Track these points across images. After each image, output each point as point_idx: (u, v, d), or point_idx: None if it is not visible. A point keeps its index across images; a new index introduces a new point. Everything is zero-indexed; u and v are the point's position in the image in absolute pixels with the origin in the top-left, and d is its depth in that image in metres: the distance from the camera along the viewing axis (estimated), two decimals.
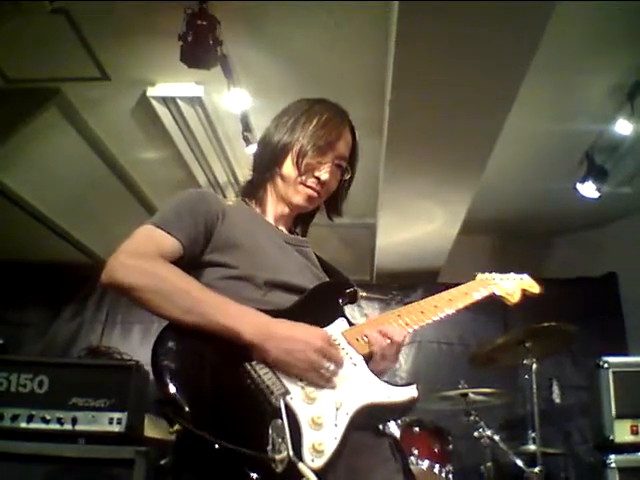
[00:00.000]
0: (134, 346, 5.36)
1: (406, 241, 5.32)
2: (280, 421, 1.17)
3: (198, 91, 3.89)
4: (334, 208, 1.79)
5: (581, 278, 5.55)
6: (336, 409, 1.27)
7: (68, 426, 2.87)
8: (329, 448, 1.20)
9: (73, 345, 5.61)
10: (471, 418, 3.87)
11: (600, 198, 4.52)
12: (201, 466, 1.18)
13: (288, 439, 1.14)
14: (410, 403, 1.40)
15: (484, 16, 2.81)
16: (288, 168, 1.62)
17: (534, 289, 1.90)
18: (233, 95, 3.73)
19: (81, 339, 5.64)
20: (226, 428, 1.16)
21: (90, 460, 2.76)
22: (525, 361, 3.68)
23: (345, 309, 1.57)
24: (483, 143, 3.85)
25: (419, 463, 3.59)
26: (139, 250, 1.38)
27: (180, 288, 1.32)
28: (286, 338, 1.29)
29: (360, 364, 1.41)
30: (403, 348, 1.51)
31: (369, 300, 5.58)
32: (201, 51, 3.14)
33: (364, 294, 1.74)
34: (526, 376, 3.74)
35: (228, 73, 3.54)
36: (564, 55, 3.50)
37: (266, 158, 1.67)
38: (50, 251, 5.77)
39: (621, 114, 3.91)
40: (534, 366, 3.64)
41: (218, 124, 4.28)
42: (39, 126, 4.06)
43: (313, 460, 1.17)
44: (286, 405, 1.21)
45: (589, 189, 4.46)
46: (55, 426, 2.87)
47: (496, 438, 3.76)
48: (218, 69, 3.40)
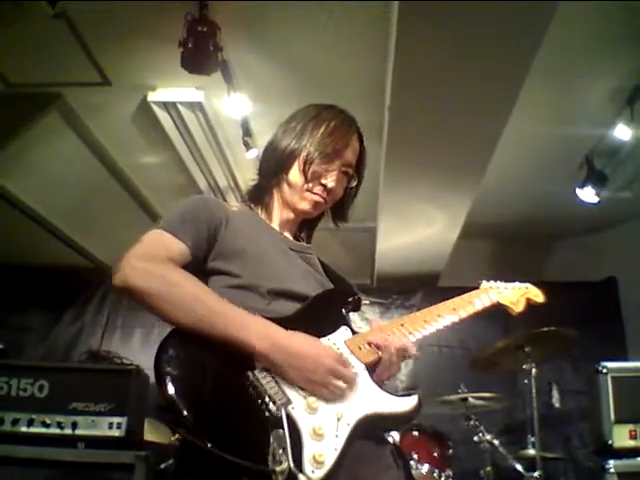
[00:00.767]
0: (135, 350, 5.36)
1: (406, 245, 5.32)
2: (281, 431, 1.17)
3: (198, 96, 3.90)
4: (340, 214, 1.78)
5: (581, 283, 5.54)
6: (337, 419, 1.27)
7: (68, 430, 2.87)
8: (330, 459, 1.20)
9: (74, 349, 5.60)
10: (471, 422, 3.87)
11: (600, 203, 4.51)
12: (202, 475, 1.19)
13: (289, 450, 1.14)
14: (411, 414, 1.40)
15: (484, 19, 2.81)
16: (295, 174, 1.62)
17: (539, 298, 1.90)
18: (233, 100, 3.74)
19: (82, 343, 5.63)
20: (227, 437, 1.16)
21: (90, 464, 2.76)
22: (525, 366, 3.68)
23: (348, 317, 1.57)
24: (483, 147, 3.85)
25: (419, 467, 3.59)
26: (149, 254, 1.37)
27: (192, 295, 1.31)
28: (298, 354, 1.29)
29: (362, 373, 1.40)
30: None
31: (369, 304, 5.58)
32: (201, 57, 3.15)
33: (367, 302, 1.74)
34: (526, 381, 3.73)
35: (228, 78, 3.55)
36: (564, 59, 3.50)
37: (273, 163, 1.66)
38: (51, 255, 5.78)
39: (621, 119, 3.90)
40: (534, 371, 3.64)
41: (218, 129, 4.29)
42: (40, 130, 4.07)
43: (314, 471, 1.16)
44: (287, 415, 1.21)
45: (589, 194, 4.46)
46: (55, 430, 2.87)
47: (496, 442, 3.76)
48: (218, 74, 3.41)
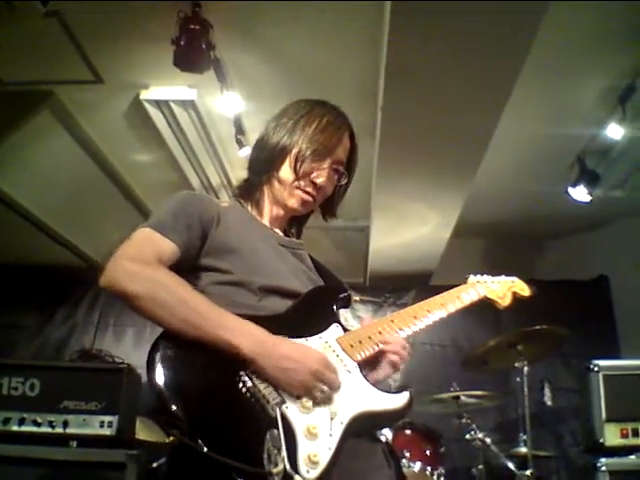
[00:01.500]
0: (127, 349, 5.35)
1: (399, 244, 5.34)
2: (276, 431, 1.17)
3: (191, 94, 3.89)
4: (329, 210, 1.78)
5: (573, 281, 5.56)
6: (331, 418, 1.27)
7: (59, 429, 2.86)
8: (324, 459, 1.20)
9: (66, 348, 5.58)
10: (463, 420, 3.89)
11: (592, 202, 4.53)
12: (197, 477, 1.18)
13: (284, 450, 1.14)
14: (403, 411, 1.40)
15: (475, 19, 2.81)
16: (285, 171, 1.61)
17: (525, 292, 1.92)
18: (226, 98, 3.73)
19: (73, 342, 5.62)
20: (222, 437, 1.16)
21: (81, 463, 2.75)
22: (517, 364, 3.70)
23: (339, 314, 1.56)
24: (475, 146, 3.86)
25: (411, 465, 3.60)
26: (139, 255, 1.36)
27: (181, 299, 1.30)
28: (283, 357, 1.28)
29: (354, 371, 1.40)
30: None
31: (362, 302, 5.59)
32: (194, 55, 3.14)
33: (358, 298, 1.75)
34: (518, 379, 3.75)
35: (221, 76, 3.54)
36: (556, 58, 3.51)
37: (263, 160, 1.65)
38: (43, 253, 5.76)
39: (613, 118, 3.91)
40: (526, 369, 3.66)
41: (211, 127, 4.28)
42: (32, 129, 4.06)
43: (308, 471, 1.16)
44: (282, 415, 1.21)
45: (581, 193, 4.48)
46: (46, 429, 2.85)
47: (488, 441, 3.78)
48: (211, 73, 3.40)
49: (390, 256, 5.53)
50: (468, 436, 3.83)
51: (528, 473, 3.44)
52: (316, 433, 1.23)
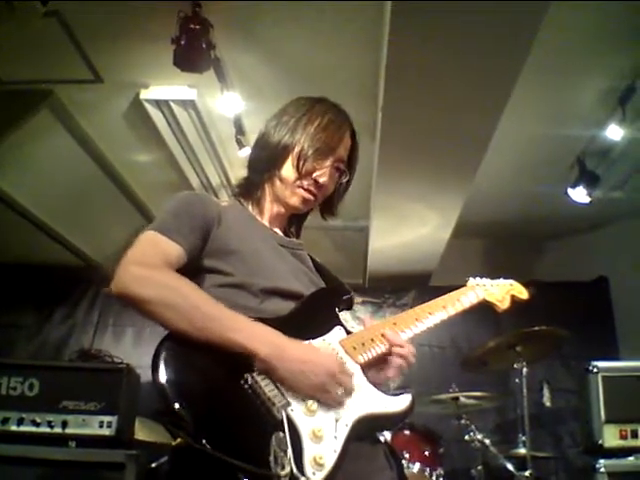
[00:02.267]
0: (126, 349, 5.35)
1: (399, 244, 5.33)
2: (282, 434, 1.18)
3: (191, 94, 3.89)
4: (329, 209, 1.77)
5: (572, 282, 5.56)
6: (335, 421, 1.28)
7: (58, 429, 2.86)
8: (329, 461, 1.20)
9: (65, 348, 5.58)
10: (462, 421, 3.89)
11: (591, 203, 4.54)
12: (201, 478, 1.19)
13: (290, 453, 1.15)
14: (406, 413, 1.41)
15: (475, 19, 2.80)
16: (287, 170, 1.60)
17: (523, 295, 1.92)
18: (226, 98, 3.73)
19: (73, 342, 5.61)
20: (227, 439, 1.15)
21: (80, 464, 2.75)
22: (516, 365, 3.70)
23: (341, 316, 1.57)
24: (475, 146, 3.86)
25: (410, 466, 3.60)
26: (146, 259, 1.35)
27: (194, 304, 1.29)
28: (300, 360, 1.29)
29: (358, 374, 1.40)
30: None
31: (362, 303, 5.58)
32: (194, 55, 3.14)
33: (360, 300, 1.75)
34: (517, 380, 3.75)
35: (221, 76, 3.54)
36: (556, 59, 3.50)
37: (265, 158, 1.64)
38: (42, 253, 5.74)
39: (613, 119, 3.91)
40: (525, 370, 3.66)
41: (211, 127, 4.28)
42: (32, 128, 4.05)
43: (314, 473, 1.17)
44: (287, 417, 1.21)
45: (580, 194, 4.48)
46: (45, 429, 2.86)
47: (487, 441, 3.78)
48: (211, 72, 3.40)
49: (390, 256, 5.53)
50: (467, 437, 3.83)
51: (527, 474, 3.44)
52: (321, 436, 1.23)
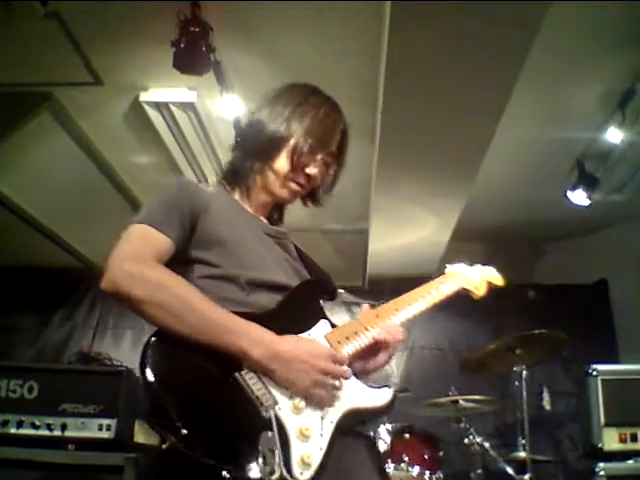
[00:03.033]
0: (126, 351, 5.35)
1: (398, 247, 5.33)
2: (270, 433, 1.18)
3: (191, 97, 3.88)
4: (313, 198, 1.76)
5: (572, 285, 5.56)
6: (321, 418, 1.29)
7: (57, 432, 2.86)
8: (316, 460, 1.21)
9: (64, 350, 5.57)
10: (461, 425, 3.87)
11: (591, 206, 4.54)
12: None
13: (279, 454, 1.15)
14: (388, 407, 1.42)
15: (476, 19, 2.81)
16: (281, 162, 1.61)
17: (498, 282, 1.94)
18: (226, 101, 3.73)
19: (72, 344, 5.61)
20: (214, 439, 1.16)
21: (79, 466, 2.75)
22: (515, 368, 3.69)
23: (325, 309, 1.57)
24: (475, 149, 3.86)
25: (409, 469, 3.60)
26: (137, 255, 1.35)
27: (187, 304, 1.29)
28: (291, 358, 1.29)
29: None
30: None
31: (360, 305, 5.57)
32: (194, 57, 3.13)
33: (342, 291, 1.75)
34: (516, 383, 3.74)
35: (221, 79, 3.54)
36: (555, 62, 3.51)
37: (258, 147, 1.64)
38: (42, 255, 5.75)
39: (612, 122, 3.92)
40: (524, 373, 3.65)
41: (211, 129, 4.27)
42: (31, 131, 4.05)
43: (302, 473, 1.18)
44: (275, 416, 1.21)
45: (579, 197, 4.48)
46: (45, 432, 2.86)
47: (486, 445, 3.77)
48: (211, 75, 3.40)
49: (389, 259, 5.53)
50: (467, 440, 3.82)
51: (527, 477, 3.43)
52: (308, 435, 1.24)
